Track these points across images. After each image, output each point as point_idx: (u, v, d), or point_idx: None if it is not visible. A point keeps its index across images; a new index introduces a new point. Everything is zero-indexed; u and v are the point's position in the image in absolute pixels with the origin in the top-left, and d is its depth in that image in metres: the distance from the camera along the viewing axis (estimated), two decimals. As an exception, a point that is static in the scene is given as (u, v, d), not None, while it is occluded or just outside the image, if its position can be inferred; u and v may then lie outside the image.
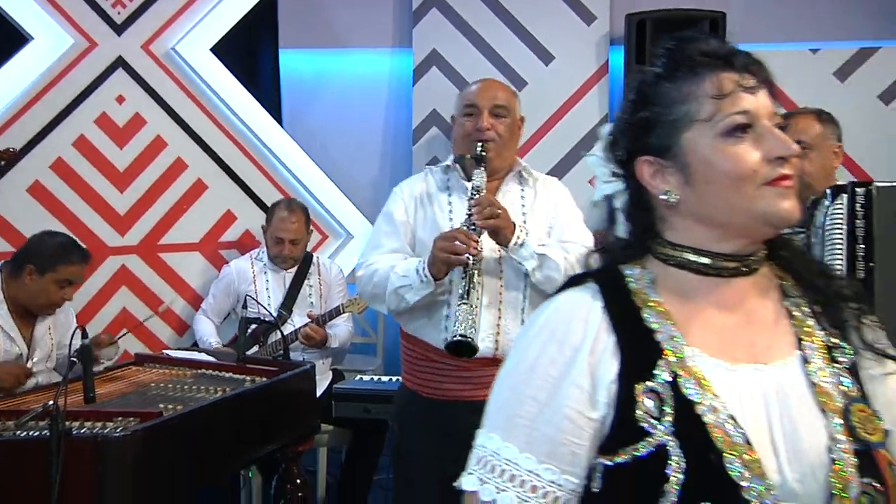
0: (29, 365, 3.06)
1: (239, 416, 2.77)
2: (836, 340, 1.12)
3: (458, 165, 2.76)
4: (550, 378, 1.07)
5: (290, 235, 3.83)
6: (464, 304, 2.49)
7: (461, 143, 2.79)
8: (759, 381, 1.08)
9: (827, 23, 4.55)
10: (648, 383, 1.07)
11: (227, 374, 3.11)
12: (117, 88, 4.14)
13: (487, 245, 2.59)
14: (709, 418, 1.04)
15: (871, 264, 2.39)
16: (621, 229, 1.30)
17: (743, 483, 1.01)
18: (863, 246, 2.41)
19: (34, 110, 3.92)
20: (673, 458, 1.02)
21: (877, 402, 1.10)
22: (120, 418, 2.36)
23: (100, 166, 4.14)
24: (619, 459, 1.05)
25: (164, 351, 3.71)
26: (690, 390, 1.06)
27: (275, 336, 3.59)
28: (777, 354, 1.10)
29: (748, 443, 1.02)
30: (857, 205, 2.44)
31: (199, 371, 3.11)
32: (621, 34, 4.55)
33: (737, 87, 1.08)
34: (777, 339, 1.12)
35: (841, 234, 2.45)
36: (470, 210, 2.57)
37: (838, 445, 1.03)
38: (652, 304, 1.12)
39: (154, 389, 2.82)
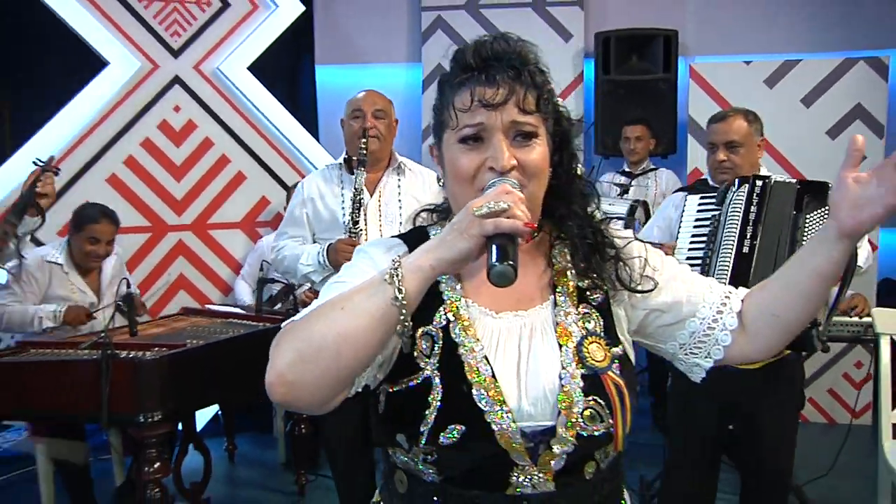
0: (97, 311, 3.53)
1: (247, 352, 3.20)
2: (587, 283, 1.23)
3: (345, 164, 3.07)
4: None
5: None
6: None
7: (351, 140, 3.06)
8: (518, 325, 1.19)
9: (758, 39, 5.02)
10: (428, 327, 1.17)
11: (248, 322, 3.70)
12: (174, 100, 4.79)
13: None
14: (466, 357, 1.14)
15: (755, 242, 2.52)
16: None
17: (486, 409, 1.11)
18: (751, 228, 2.55)
19: (111, 118, 4.62)
20: (435, 388, 1.12)
21: (645, 315, 1.25)
22: (155, 348, 2.90)
23: (161, 161, 4.79)
24: (398, 388, 1.15)
25: (208, 305, 4.40)
26: (456, 334, 1.16)
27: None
28: (536, 301, 1.21)
29: (494, 377, 1.13)
30: (755, 194, 2.59)
31: (228, 320, 3.78)
32: (592, 49, 5.14)
33: (478, 102, 1.14)
34: (537, 290, 1.23)
35: (738, 215, 2.58)
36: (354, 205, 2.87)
37: (567, 372, 1.14)
38: None
39: (188, 331, 3.46)
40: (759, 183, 2.58)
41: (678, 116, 5.03)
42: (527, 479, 1.13)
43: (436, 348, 1.16)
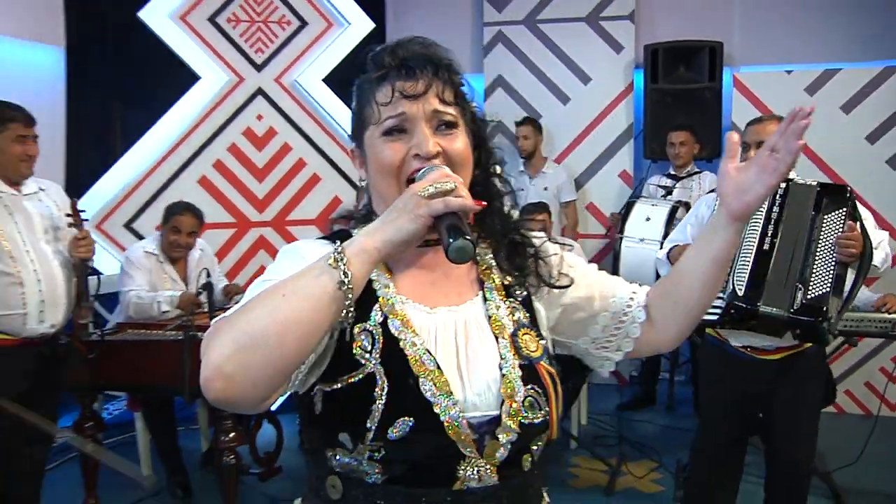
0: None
1: None
2: (511, 280, 1.25)
3: None
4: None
5: None
6: None
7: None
8: (452, 319, 1.17)
9: (799, 49, 5.20)
10: (364, 324, 1.12)
11: None
12: (257, 110, 5.22)
13: None
14: (409, 351, 1.11)
15: (774, 240, 2.63)
16: None
17: (433, 400, 1.08)
18: (772, 226, 2.65)
19: (202, 126, 5.09)
20: (379, 383, 1.08)
21: (561, 312, 1.27)
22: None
23: (245, 164, 5.22)
24: (337, 386, 1.09)
25: None
26: (395, 329, 1.13)
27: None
28: (466, 297, 1.21)
29: (439, 368, 1.11)
30: (777, 194, 2.67)
31: None
32: (642, 60, 5.41)
33: (399, 94, 1.13)
34: (466, 285, 1.23)
35: (761, 214, 2.68)
36: None
37: (507, 362, 1.15)
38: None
39: None
40: (781, 185, 2.63)
41: (722, 123, 5.23)
42: (473, 472, 1.11)
43: (376, 344, 1.12)
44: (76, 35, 4.73)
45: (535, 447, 1.17)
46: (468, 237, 1.00)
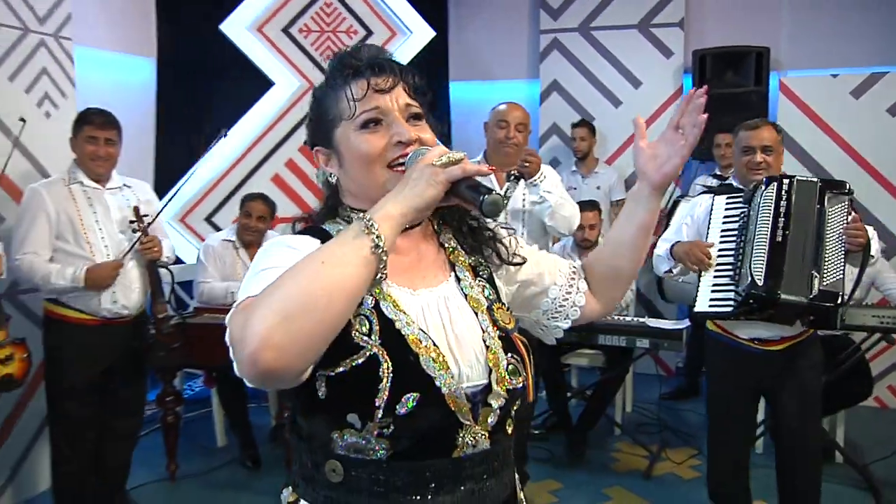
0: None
1: None
2: (476, 259, 1.33)
3: (485, 159, 3.39)
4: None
5: None
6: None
7: (494, 145, 3.38)
8: (434, 299, 1.24)
9: (845, 54, 5.27)
10: (359, 309, 1.16)
11: None
12: None
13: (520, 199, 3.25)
14: (405, 331, 1.16)
15: (787, 232, 2.74)
16: None
17: (434, 375, 1.15)
18: (783, 219, 2.76)
19: (276, 128, 5.50)
20: (383, 363, 1.13)
21: (517, 288, 1.38)
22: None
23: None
24: (340, 369, 1.12)
25: None
26: (388, 311, 1.18)
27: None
28: (441, 278, 1.27)
29: (435, 345, 1.17)
30: (783, 190, 2.81)
31: None
32: (690, 66, 5.56)
33: (372, 89, 1.19)
34: (439, 267, 1.29)
35: (769, 209, 2.79)
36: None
37: (489, 334, 1.23)
38: None
39: None
40: (786, 181, 2.82)
41: (768, 126, 5.35)
42: (471, 439, 1.19)
43: (373, 326, 1.16)
44: (166, 47, 5.19)
45: (514, 413, 1.26)
46: (498, 192, 1.10)
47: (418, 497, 1.18)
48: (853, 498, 3.71)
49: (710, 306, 2.87)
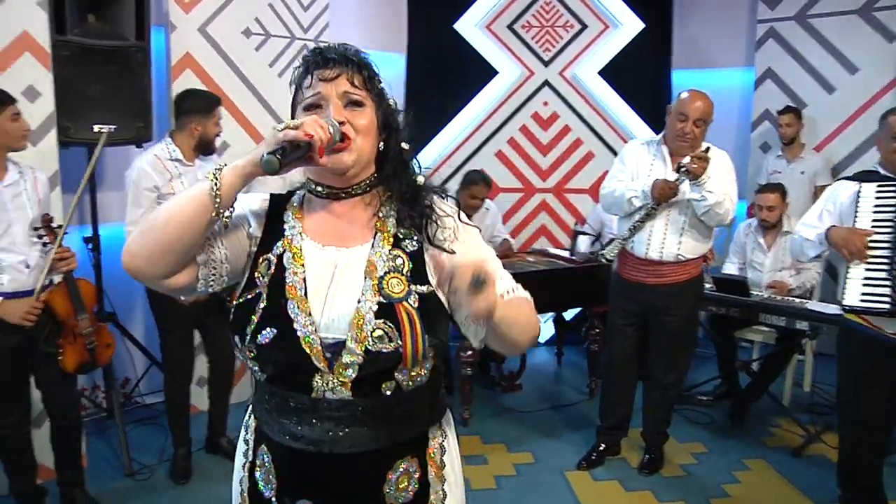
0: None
1: (550, 283, 4.39)
2: (405, 232, 1.39)
3: (665, 147, 3.46)
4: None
5: None
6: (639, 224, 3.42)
7: (672, 135, 3.43)
8: (337, 257, 1.36)
9: None
10: (268, 254, 1.37)
11: (560, 262, 4.79)
12: (544, 98, 6.13)
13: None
14: (289, 279, 1.33)
15: None
16: None
17: (293, 317, 1.31)
18: None
19: (500, 111, 6.09)
20: (261, 301, 1.32)
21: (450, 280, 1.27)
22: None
23: (533, 142, 6.14)
24: (239, 300, 1.35)
25: (556, 249, 5.42)
26: (286, 261, 1.35)
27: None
28: (357, 242, 1.38)
29: (306, 295, 1.32)
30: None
31: (546, 259, 4.94)
32: None
33: (317, 79, 1.33)
34: (365, 232, 1.39)
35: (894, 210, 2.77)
36: (682, 167, 3.25)
37: (365, 298, 1.32)
38: (293, 210, 1.42)
39: (516, 265, 4.55)
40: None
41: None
42: (326, 385, 1.30)
43: (270, 270, 1.35)
44: (414, 44, 6.04)
45: (400, 376, 1.33)
46: (278, 156, 1.22)
47: (287, 422, 1.36)
48: None
49: (863, 301, 2.78)
